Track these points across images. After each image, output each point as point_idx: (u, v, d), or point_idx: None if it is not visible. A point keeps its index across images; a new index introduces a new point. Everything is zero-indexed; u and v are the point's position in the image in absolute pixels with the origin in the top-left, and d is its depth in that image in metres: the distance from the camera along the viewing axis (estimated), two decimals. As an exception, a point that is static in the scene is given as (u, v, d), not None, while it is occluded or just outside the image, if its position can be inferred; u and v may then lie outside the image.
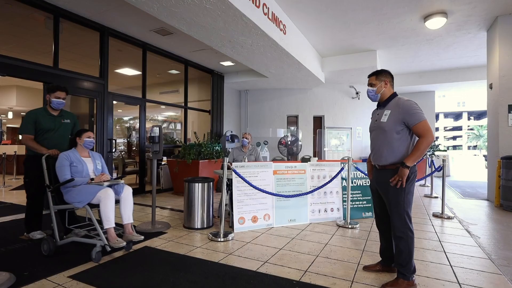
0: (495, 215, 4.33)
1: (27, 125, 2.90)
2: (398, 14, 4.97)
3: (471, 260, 2.58)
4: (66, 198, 2.64)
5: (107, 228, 2.51)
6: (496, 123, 5.18)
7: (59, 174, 2.63)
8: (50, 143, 2.94)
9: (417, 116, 1.97)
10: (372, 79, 2.20)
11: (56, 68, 4.43)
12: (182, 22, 4.11)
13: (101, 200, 2.48)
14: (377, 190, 2.19)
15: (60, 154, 2.71)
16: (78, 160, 2.74)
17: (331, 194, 3.96)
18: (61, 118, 3.08)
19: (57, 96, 2.97)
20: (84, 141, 2.84)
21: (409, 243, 1.99)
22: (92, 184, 2.65)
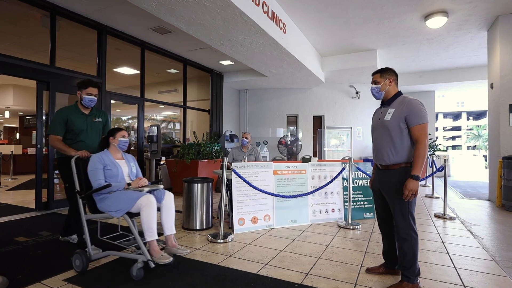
0: (497, 216, 4.30)
1: (56, 125, 2.61)
2: (399, 13, 4.92)
3: (475, 261, 2.54)
4: (100, 207, 2.32)
5: (149, 241, 2.19)
6: (497, 123, 5.15)
7: (92, 178, 2.32)
8: (82, 145, 2.66)
9: (419, 118, 1.91)
10: (376, 76, 2.14)
11: (53, 66, 4.37)
12: (181, 20, 4.06)
13: (142, 208, 2.18)
14: (380, 190, 2.13)
15: (92, 156, 2.41)
16: (112, 163, 2.42)
17: (332, 195, 3.91)
18: (93, 116, 2.78)
19: (89, 92, 2.65)
20: (119, 141, 2.52)
21: (413, 244, 1.94)
22: (129, 190, 2.32)
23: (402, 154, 1.97)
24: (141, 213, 2.19)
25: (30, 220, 3.83)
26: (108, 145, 2.54)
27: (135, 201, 2.19)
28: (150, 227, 2.18)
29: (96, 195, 2.32)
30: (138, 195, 2.22)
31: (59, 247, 2.80)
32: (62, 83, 4.50)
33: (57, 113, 2.65)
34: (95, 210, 2.37)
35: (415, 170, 1.88)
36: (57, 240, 3.00)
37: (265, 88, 8.83)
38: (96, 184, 2.29)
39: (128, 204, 2.21)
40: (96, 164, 2.35)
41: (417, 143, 1.91)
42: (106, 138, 2.55)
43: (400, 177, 1.95)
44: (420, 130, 1.90)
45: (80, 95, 2.67)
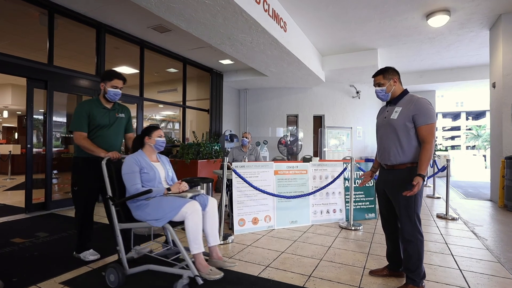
0: (500, 216, 4.25)
1: (79, 120, 2.34)
2: (400, 12, 4.88)
3: (480, 263, 2.49)
4: (137, 215, 2.07)
5: (195, 254, 1.95)
6: (499, 123, 5.11)
7: (129, 183, 2.06)
8: (104, 142, 2.41)
9: (428, 117, 1.87)
10: (379, 78, 2.06)
11: (51, 65, 4.31)
12: (181, 19, 4.01)
13: (187, 216, 1.94)
14: (384, 191, 2.08)
15: (127, 158, 2.14)
16: (149, 166, 2.17)
17: (333, 195, 3.87)
18: (115, 111, 2.52)
19: (114, 85, 2.40)
20: (156, 141, 2.25)
21: (419, 246, 1.89)
22: (170, 196, 2.09)
23: (408, 154, 1.92)
24: (186, 222, 1.94)
25: (28, 221, 3.77)
26: (142, 145, 2.28)
27: (179, 208, 1.95)
28: (196, 238, 1.95)
29: (132, 201, 2.07)
30: (182, 202, 1.98)
31: (56, 249, 2.75)
32: (60, 82, 4.45)
33: (79, 107, 2.39)
34: (129, 218, 2.11)
35: (423, 170, 1.83)
36: (54, 241, 2.95)
37: (265, 88, 8.79)
38: (133, 189, 2.04)
39: (172, 212, 1.96)
40: (133, 167, 2.09)
41: (424, 143, 1.87)
42: (141, 137, 2.30)
43: (406, 177, 1.91)
44: (428, 130, 1.85)
45: (104, 88, 2.42)
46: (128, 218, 2.11)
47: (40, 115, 4.57)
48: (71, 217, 3.97)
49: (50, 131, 4.32)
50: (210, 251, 2.17)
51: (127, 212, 2.12)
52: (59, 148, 4.76)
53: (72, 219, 3.81)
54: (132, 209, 2.09)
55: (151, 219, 1.99)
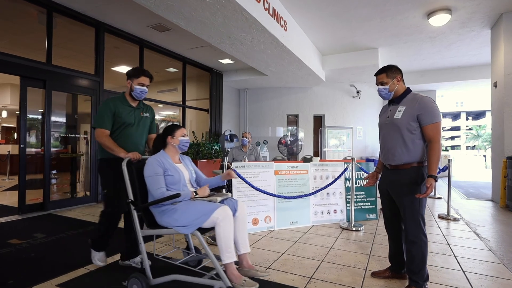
0: (501, 217, 4.22)
1: (103, 117, 2.20)
2: (402, 11, 4.85)
3: (483, 265, 2.46)
4: (161, 220, 1.92)
5: (227, 264, 1.81)
6: (500, 122, 5.08)
7: (153, 186, 1.92)
8: (128, 141, 2.28)
9: (433, 116, 1.83)
10: (382, 77, 2.01)
11: (49, 64, 4.28)
12: (180, 17, 3.97)
13: (219, 223, 1.80)
14: (388, 191, 2.05)
15: (149, 159, 2.00)
16: (173, 168, 2.02)
17: (334, 195, 3.83)
18: (140, 110, 2.38)
19: (141, 82, 2.27)
20: (179, 141, 2.11)
21: (423, 248, 1.86)
22: (198, 200, 1.95)
23: (413, 154, 1.89)
24: (217, 229, 1.81)
25: (25, 221, 3.74)
26: (164, 145, 2.13)
27: (209, 214, 1.81)
28: (228, 246, 1.81)
29: (156, 206, 1.92)
30: (213, 207, 1.83)
31: (54, 250, 2.71)
32: (59, 82, 4.41)
33: (104, 104, 2.26)
34: (152, 224, 1.97)
35: (433, 170, 1.80)
36: (51, 242, 2.92)
37: (265, 87, 8.75)
38: (158, 193, 1.89)
39: (201, 218, 1.81)
40: (156, 169, 1.94)
41: (431, 143, 1.83)
42: (162, 137, 2.14)
43: (411, 177, 1.88)
44: (434, 129, 1.82)
45: (130, 85, 2.30)
46: (151, 224, 1.96)
47: (39, 115, 4.53)
48: (69, 217, 3.94)
49: (49, 131, 4.29)
50: (240, 259, 2.01)
51: (149, 218, 1.97)
52: (58, 148, 4.73)
53: (70, 220, 3.80)
54: (156, 214, 1.94)
55: (179, 226, 1.84)
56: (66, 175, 4.88)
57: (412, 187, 1.86)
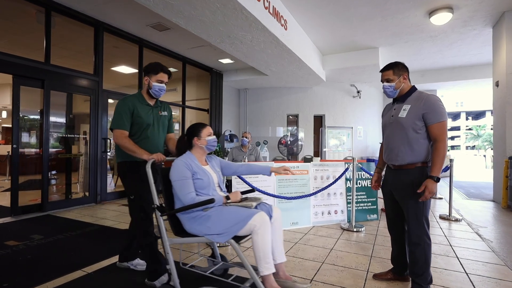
0: (504, 217, 4.18)
1: (122, 117, 2.03)
2: (403, 9, 4.81)
3: (486, 267, 2.42)
4: (191, 228, 1.78)
5: (265, 276, 1.68)
6: (502, 122, 5.04)
7: (181, 191, 1.77)
8: (150, 143, 2.11)
9: (439, 115, 1.78)
10: (388, 74, 1.95)
11: (47, 64, 4.24)
12: (180, 16, 3.94)
13: (256, 231, 1.66)
14: (391, 192, 2.01)
15: (176, 162, 1.85)
16: (202, 171, 1.87)
17: (334, 196, 3.80)
18: (158, 109, 2.22)
19: (159, 79, 2.11)
20: (207, 141, 1.95)
21: (426, 250, 1.82)
22: (232, 206, 1.81)
23: (417, 153, 1.85)
24: (255, 238, 1.67)
25: (23, 222, 3.70)
26: (190, 147, 1.98)
27: (246, 221, 1.67)
28: (266, 256, 1.66)
29: (185, 213, 1.79)
30: (249, 213, 1.69)
31: (50, 252, 2.68)
32: (58, 81, 4.38)
33: (122, 102, 2.07)
34: (180, 231, 1.84)
35: (435, 171, 1.75)
36: (49, 244, 2.88)
37: (265, 87, 8.72)
38: (188, 198, 1.74)
39: (237, 225, 1.68)
40: (184, 172, 1.80)
41: (436, 142, 1.79)
42: (188, 139, 1.98)
43: (415, 177, 1.84)
44: (440, 128, 1.78)
45: (148, 82, 2.12)
46: (179, 231, 1.83)
47: (38, 115, 4.50)
48: (68, 218, 3.90)
49: (47, 131, 4.25)
50: (276, 269, 1.82)
51: (177, 225, 1.84)
52: (58, 148, 4.70)
53: (69, 221, 3.76)
54: (185, 221, 1.80)
55: (212, 234, 1.71)
56: (65, 176, 4.84)
57: (415, 188, 1.82)
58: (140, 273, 2.22)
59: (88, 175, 4.84)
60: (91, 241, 2.98)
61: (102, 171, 4.94)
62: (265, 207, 1.89)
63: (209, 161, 2.04)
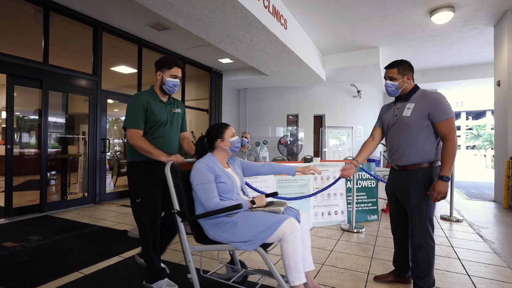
0: (505, 218, 4.15)
1: (136, 115, 1.89)
2: (403, 9, 4.78)
3: (488, 268, 2.39)
4: (215, 234, 1.68)
5: (295, 286, 1.58)
6: (504, 122, 5.01)
7: (204, 195, 1.66)
8: (164, 143, 2.00)
9: (446, 112, 1.73)
10: (392, 72, 1.89)
11: (46, 64, 4.22)
12: (179, 15, 3.91)
13: (286, 238, 1.56)
14: (395, 193, 1.97)
15: (198, 164, 1.74)
16: (226, 174, 1.77)
17: (334, 196, 3.77)
18: (171, 106, 2.09)
19: (173, 74, 1.98)
20: (231, 143, 1.84)
21: (430, 253, 1.79)
22: (258, 211, 1.70)
23: (423, 153, 1.80)
24: (285, 245, 1.56)
25: (21, 223, 3.67)
26: (212, 148, 1.86)
27: (275, 227, 1.56)
28: (297, 266, 1.56)
29: (207, 218, 1.69)
30: (278, 219, 1.58)
31: (48, 253, 2.65)
32: (56, 81, 4.36)
33: (135, 100, 1.93)
34: (202, 238, 1.74)
35: (445, 171, 1.71)
36: (46, 245, 2.86)
37: (265, 87, 8.69)
38: (212, 203, 1.63)
39: (266, 232, 1.57)
40: (207, 175, 1.69)
41: (445, 141, 1.74)
42: (209, 141, 1.86)
43: (420, 178, 1.80)
44: (448, 125, 1.72)
45: (161, 77, 1.98)
46: (200, 238, 1.73)
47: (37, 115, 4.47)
48: (66, 219, 3.88)
49: (46, 131, 4.23)
50: None
51: (198, 231, 1.73)
52: (56, 148, 4.68)
53: (67, 222, 3.74)
54: (208, 227, 1.70)
55: (239, 241, 1.60)
56: (64, 176, 4.82)
57: (420, 189, 1.78)
58: (138, 275, 2.19)
59: (87, 176, 4.81)
60: (89, 242, 2.96)
61: (101, 172, 4.92)
62: (292, 212, 1.79)
63: (230, 163, 1.92)
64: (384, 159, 9.28)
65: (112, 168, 6.74)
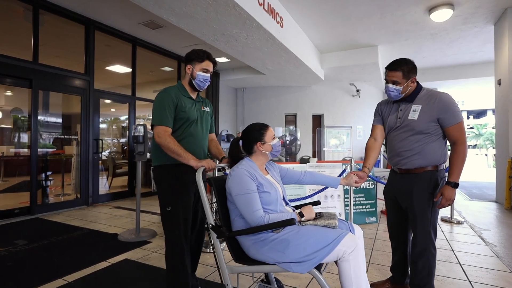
0: (507, 219, 4.05)
1: (165, 111, 1.71)
2: (402, 6, 4.68)
3: (490, 274, 2.29)
4: (258, 253, 1.43)
5: None
6: (505, 121, 4.90)
7: (246, 208, 1.42)
8: (195, 144, 1.81)
9: (456, 116, 1.62)
10: (396, 76, 1.71)
11: (36, 63, 4.12)
12: (171, 13, 3.81)
13: (346, 257, 1.32)
14: (395, 198, 1.85)
15: (237, 171, 1.49)
16: (268, 183, 1.53)
17: (332, 198, 3.67)
18: (201, 104, 1.91)
19: (205, 68, 1.79)
20: (272, 146, 1.60)
21: (431, 261, 1.68)
22: (310, 225, 1.45)
23: (429, 157, 1.68)
24: (344, 266, 1.33)
25: (9, 227, 3.57)
26: (250, 152, 1.62)
27: (334, 245, 1.32)
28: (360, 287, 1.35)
29: (249, 235, 1.44)
30: (336, 235, 1.35)
31: (33, 259, 2.55)
32: (46, 81, 4.26)
33: (164, 94, 1.75)
34: (241, 256, 1.50)
35: (454, 176, 1.60)
36: (32, 250, 2.76)
37: (263, 87, 8.59)
38: (255, 217, 1.39)
39: (322, 251, 1.32)
40: (249, 184, 1.45)
41: (456, 145, 1.63)
42: (246, 143, 1.62)
43: (425, 183, 1.68)
44: (459, 129, 1.62)
45: (191, 71, 1.79)
46: (239, 256, 1.49)
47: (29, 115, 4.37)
48: (56, 222, 3.78)
49: (36, 131, 4.13)
50: None
51: (236, 249, 1.50)
52: (48, 149, 4.58)
53: (57, 225, 3.64)
54: (249, 245, 1.45)
55: (289, 262, 1.34)
56: (55, 177, 4.73)
57: (425, 194, 1.66)
58: (124, 282, 2.09)
59: (80, 176, 4.71)
60: (77, 247, 2.86)
61: (94, 173, 4.82)
62: (344, 225, 1.55)
63: (269, 170, 1.69)
64: (385, 159, 9.19)
65: (108, 168, 6.65)
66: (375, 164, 2.01)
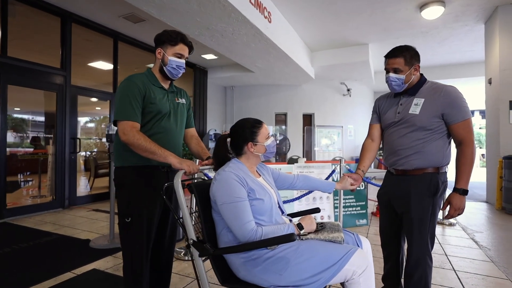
0: (499, 220, 3.97)
1: (130, 104, 1.40)
2: (393, 3, 4.56)
3: (486, 281, 2.16)
4: (249, 275, 1.20)
5: None
6: (496, 121, 4.84)
7: (236, 219, 1.18)
8: (168, 141, 1.52)
9: (464, 112, 1.44)
10: (398, 62, 1.52)
11: (4, 56, 3.83)
12: (151, 5, 3.59)
13: (355, 279, 1.13)
14: (389, 201, 1.67)
15: (223, 174, 1.25)
16: (261, 187, 1.30)
17: (320, 200, 3.50)
18: (174, 95, 1.62)
19: (178, 52, 1.50)
20: (266, 147, 1.35)
21: (427, 273, 1.51)
22: (311, 240, 1.24)
23: (430, 157, 1.50)
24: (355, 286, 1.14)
25: (-27, 232, 3.29)
26: (239, 153, 1.37)
27: (342, 264, 1.12)
28: None
29: (239, 253, 1.21)
30: (344, 252, 1.14)
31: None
32: (16, 75, 3.97)
33: (128, 83, 1.43)
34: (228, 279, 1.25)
35: (463, 182, 1.43)
36: None
37: (253, 85, 8.40)
38: (246, 230, 1.16)
39: (328, 271, 1.11)
40: (238, 190, 1.21)
41: (462, 145, 1.45)
42: (235, 142, 1.37)
43: (425, 186, 1.50)
44: (466, 127, 1.44)
45: (162, 55, 1.50)
46: (226, 279, 1.24)
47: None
48: (25, 227, 3.50)
49: (4, 129, 3.83)
50: None
51: (222, 269, 1.26)
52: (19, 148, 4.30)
53: (26, 230, 3.36)
54: (238, 264, 1.22)
55: (287, 286, 1.13)
56: (28, 178, 4.43)
57: (424, 198, 1.49)
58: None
59: (55, 177, 4.43)
60: (42, 255, 2.61)
61: (70, 174, 4.54)
62: (350, 238, 1.35)
63: (260, 172, 1.44)
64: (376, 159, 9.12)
65: (89, 169, 6.35)
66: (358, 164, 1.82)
